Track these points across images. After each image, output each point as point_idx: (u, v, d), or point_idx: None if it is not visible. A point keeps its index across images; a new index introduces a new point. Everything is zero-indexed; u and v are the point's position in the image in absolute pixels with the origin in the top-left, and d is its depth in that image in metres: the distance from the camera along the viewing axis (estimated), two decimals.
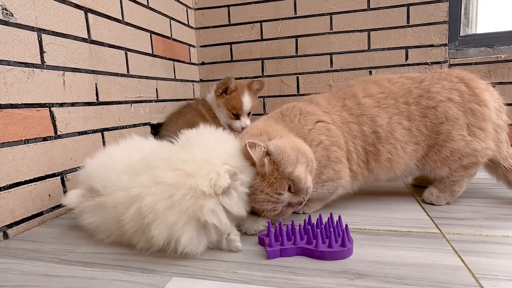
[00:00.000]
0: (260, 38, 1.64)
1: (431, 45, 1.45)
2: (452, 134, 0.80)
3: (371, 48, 1.51)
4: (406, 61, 1.48)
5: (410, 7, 1.45)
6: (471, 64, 1.41)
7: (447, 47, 1.44)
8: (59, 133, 0.91)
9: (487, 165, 0.86)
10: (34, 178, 0.83)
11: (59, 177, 0.91)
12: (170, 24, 1.49)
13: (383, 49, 1.50)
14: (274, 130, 0.75)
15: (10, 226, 0.78)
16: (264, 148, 0.67)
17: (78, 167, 0.96)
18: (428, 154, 0.83)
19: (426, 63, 1.47)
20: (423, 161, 0.84)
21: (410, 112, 0.82)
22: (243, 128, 1.28)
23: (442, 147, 0.81)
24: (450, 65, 1.44)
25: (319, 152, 0.77)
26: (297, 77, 1.62)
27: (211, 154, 0.63)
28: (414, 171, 0.87)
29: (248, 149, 0.65)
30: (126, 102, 1.18)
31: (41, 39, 0.85)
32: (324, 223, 0.67)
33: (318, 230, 0.62)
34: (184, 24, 1.61)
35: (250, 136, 0.74)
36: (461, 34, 1.44)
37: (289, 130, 0.78)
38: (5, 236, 0.77)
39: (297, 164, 0.67)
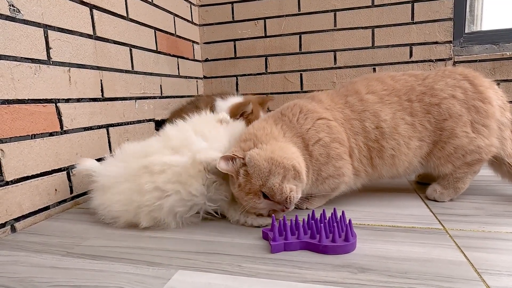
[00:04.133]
0: (263, 35, 1.64)
1: (436, 42, 1.45)
2: (456, 131, 0.80)
3: (375, 45, 1.51)
4: (410, 58, 1.48)
5: (414, 4, 1.44)
6: (475, 61, 1.40)
7: (451, 44, 1.43)
8: (65, 128, 0.92)
9: (492, 162, 0.86)
10: (40, 173, 0.85)
11: (65, 172, 0.92)
12: (174, 21, 1.49)
13: (387, 46, 1.50)
14: (263, 135, 0.75)
15: (17, 219, 0.79)
16: (243, 159, 0.70)
17: None
18: (432, 150, 0.83)
19: (430, 60, 1.46)
20: (427, 158, 0.84)
21: (413, 109, 0.82)
22: None
23: (445, 144, 0.81)
24: (455, 62, 1.43)
25: (317, 150, 0.77)
26: (301, 74, 1.62)
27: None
28: (418, 168, 0.87)
29: (218, 166, 0.69)
30: (130, 98, 1.19)
31: (47, 35, 0.86)
32: (327, 218, 0.68)
33: (322, 224, 0.63)
34: (188, 21, 1.61)
35: (239, 143, 0.76)
36: (466, 31, 1.43)
37: (287, 130, 0.78)
38: (13, 229, 0.78)
39: (269, 177, 0.68)
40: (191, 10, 1.64)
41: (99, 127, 1.04)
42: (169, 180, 0.72)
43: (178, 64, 1.52)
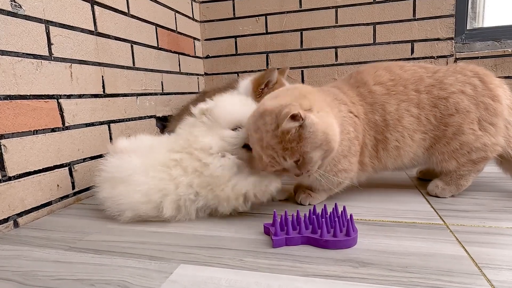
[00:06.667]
0: (265, 31, 1.64)
1: (437, 39, 1.44)
2: (463, 127, 0.79)
3: (376, 41, 1.51)
4: (411, 55, 1.48)
5: (416, 0, 1.44)
6: (477, 58, 1.40)
7: (453, 41, 1.43)
8: (67, 124, 0.92)
9: (500, 162, 0.85)
10: (43, 168, 0.85)
11: (67, 168, 0.92)
12: (175, 17, 1.49)
13: (388, 43, 1.49)
14: (316, 100, 0.70)
15: (20, 215, 0.79)
16: (303, 119, 0.64)
17: (85, 158, 0.98)
18: (436, 145, 0.83)
19: (432, 57, 1.46)
20: (430, 152, 0.84)
21: (420, 100, 0.81)
22: None
23: (451, 139, 0.80)
24: (456, 59, 1.43)
25: (345, 141, 0.77)
26: (302, 71, 1.62)
27: None
28: (423, 160, 0.86)
29: (286, 124, 0.63)
30: (132, 95, 1.19)
31: (48, 31, 0.86)
32: (329, 214, 0.68)
33: (323, 219, 0.63)
34: (189, 17, 1.61)
35: (295, 99, 0.69)
36: (467, 28, 1.43)
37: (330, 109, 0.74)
38: (16, 224, 0.78)
39: (317, 149, 0.67)
40: (192, 7, 1.64)
41: (101, 123, 1.04)
42: (204, 187, 0.74)
43: (179, 61, 1.52)
